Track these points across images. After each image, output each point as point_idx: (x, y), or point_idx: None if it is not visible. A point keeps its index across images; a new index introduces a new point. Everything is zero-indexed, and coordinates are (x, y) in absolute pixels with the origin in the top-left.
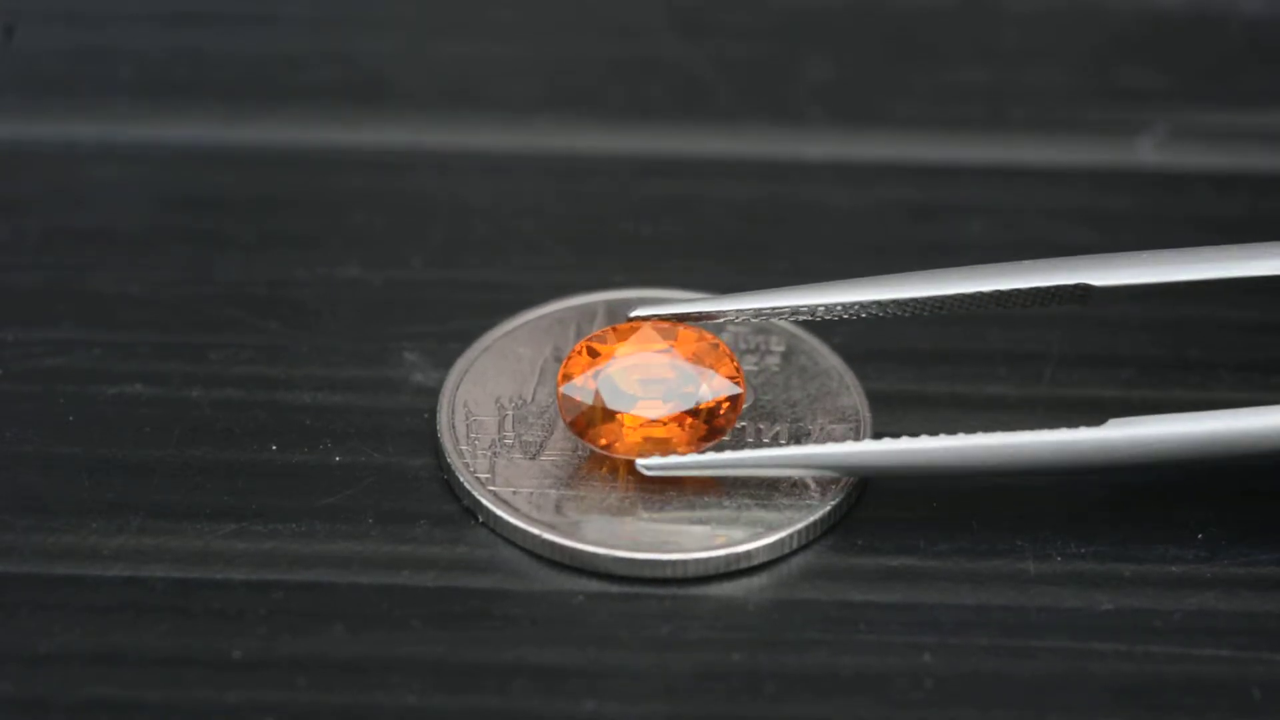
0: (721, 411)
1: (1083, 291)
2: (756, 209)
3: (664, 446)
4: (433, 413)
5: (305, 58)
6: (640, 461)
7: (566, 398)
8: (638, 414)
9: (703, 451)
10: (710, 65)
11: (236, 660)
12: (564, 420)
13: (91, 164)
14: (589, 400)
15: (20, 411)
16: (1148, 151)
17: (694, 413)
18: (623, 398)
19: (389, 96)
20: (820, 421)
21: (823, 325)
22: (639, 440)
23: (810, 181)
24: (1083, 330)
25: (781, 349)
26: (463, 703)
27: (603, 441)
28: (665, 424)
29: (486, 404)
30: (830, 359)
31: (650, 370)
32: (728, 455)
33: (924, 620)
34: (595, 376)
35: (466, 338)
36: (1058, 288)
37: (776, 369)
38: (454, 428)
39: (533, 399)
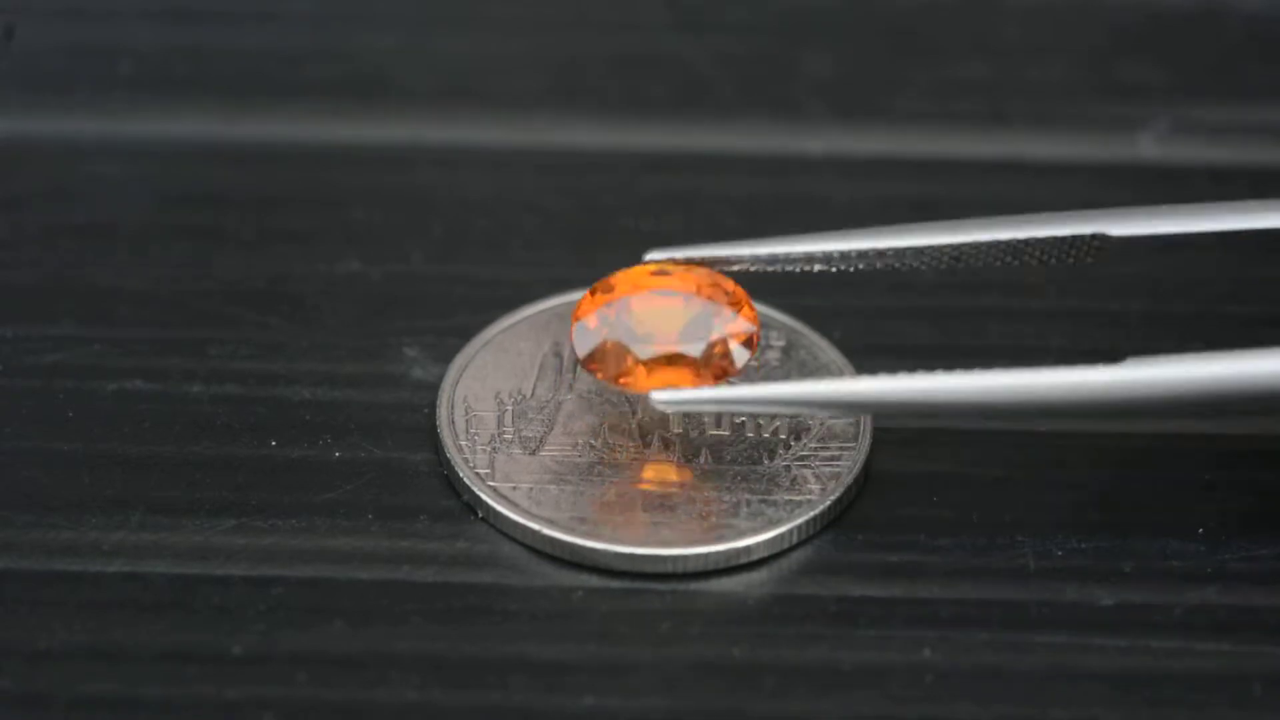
0: (736, 347)
1: (1100, 243)
2: (756, 203)
3: (677, 383)
4: (432, 408)
5: (305, 53)
6: (655, 395)
7: (579, 335)
8: (652, 350)
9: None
10: (710, 60)
11: (236, 656)
12: (577, 358)
13: (91, 160)
14: (601, 336)
15: (20, 408)
16: (1149, 146)
17: (709, 349)
18: (636, 334)
19: (388, 92)
20: (820, 415)
21: (822, 319)
22: (651, 377)
23: (810, 176)
24: (1083, 325)
25: (781, 343)
26: (462, 698)
27: (614, 375)
28: (678, 360)
29: (486, 399)
30: (830, 353)
31: (664, 308)
32: (744, 390)
33: (924, 615)
34: (609, 313)
35: (466, 333)
36: (1074, 238)
37: (776, 363)
38: (454, 423)
39: (533, 394)
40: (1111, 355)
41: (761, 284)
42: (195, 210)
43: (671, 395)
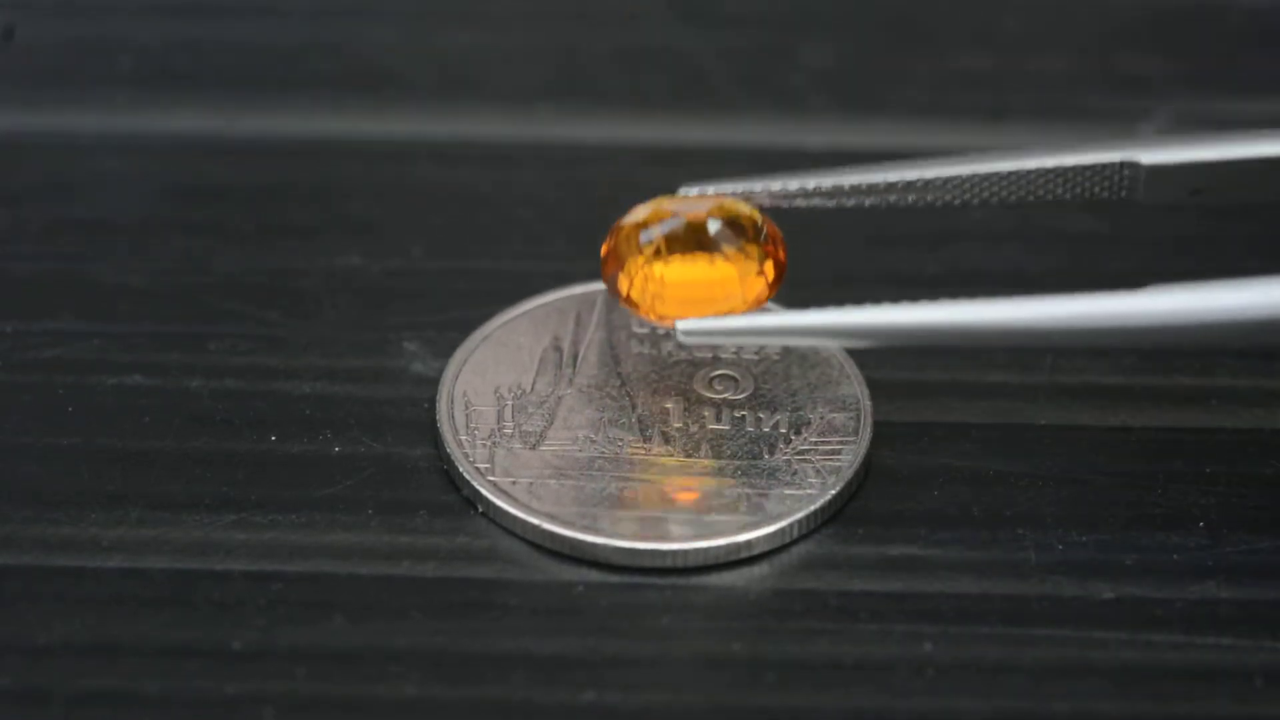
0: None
1: (1130, 173)
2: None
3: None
4: (432, 403)
5: (304, 48)
6: (679, 325)
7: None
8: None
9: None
10: (711, 53)
11: (236, 651)
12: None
13: (91, 155)
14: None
15: (19, 402)
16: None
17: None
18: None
19: (388, 86)
20: (820, 410)
21: None
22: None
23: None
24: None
25: None
26: (462, 693)
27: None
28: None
29: (486, 394)
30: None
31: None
32: (767, 321)
33: (925, 609)
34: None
35: (466, 327)
36: (1103, 165)
37: (777, 357)
38: (453, 418)
39: (532, 389)
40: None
41: None
42: (195, 205)
43: (695, 325)
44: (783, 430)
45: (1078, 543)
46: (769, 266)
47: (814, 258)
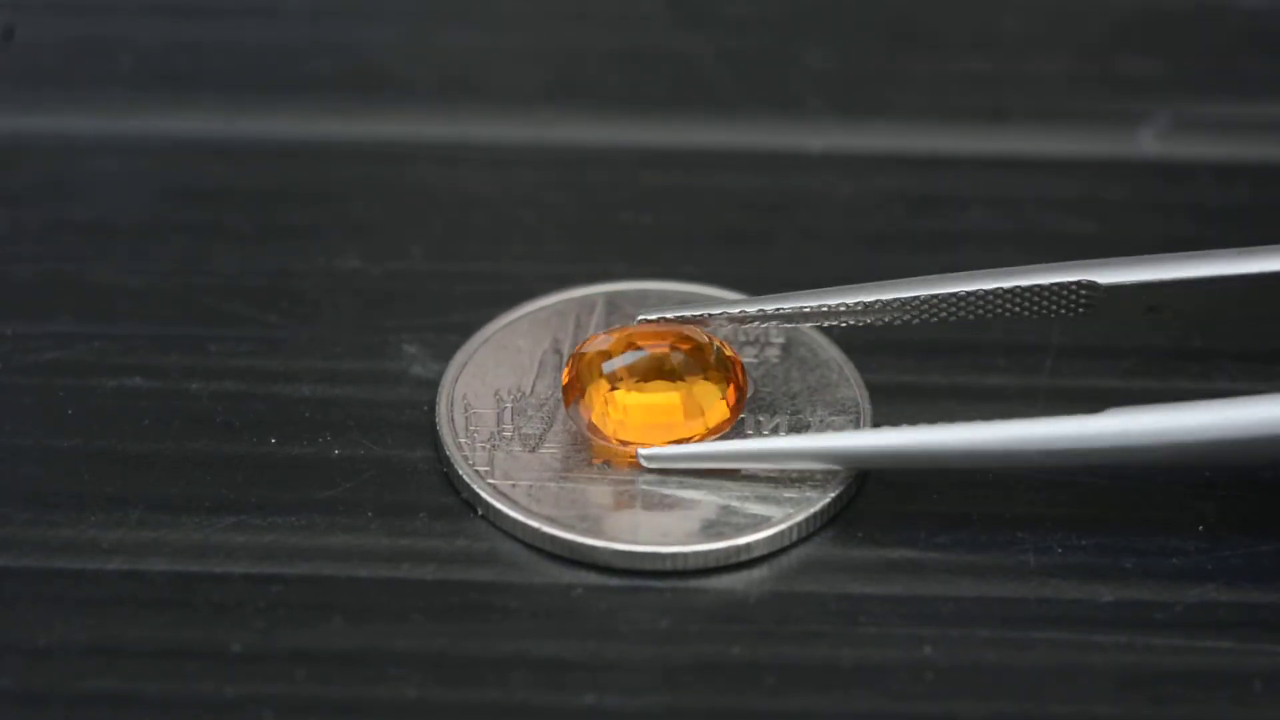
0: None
1: (1089, 292)
2: (757, 200)
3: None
4: (432, 405)
5: (304, 49)
6: (641, 452)
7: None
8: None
9: (704, 441)
10: (710, 55)
11: (236, 653)
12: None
13: (90, 156)
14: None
15: (20, 405)
16: (1148, 142)
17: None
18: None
19: (388, 87)
20: (820, 413)
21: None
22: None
23: (810, 172)
24: (1083, 320)
25: (781, 340)
26: (462, 695)
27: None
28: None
29: (486, 396)
30: (830, 350)
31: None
32: (730, 446)
33: (925, 612)
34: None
35: (466, 330)
36: (1061, 286)
37: (776, 360)
38: (453, 420)
39: (532, 391)
40: (1110, 351)
41: (762, 283)
42: (195, 206)
43: (657, 452)
44: (783, 432)
45: (1077, 546)
46: (730, 392)
47: (814, 259)
